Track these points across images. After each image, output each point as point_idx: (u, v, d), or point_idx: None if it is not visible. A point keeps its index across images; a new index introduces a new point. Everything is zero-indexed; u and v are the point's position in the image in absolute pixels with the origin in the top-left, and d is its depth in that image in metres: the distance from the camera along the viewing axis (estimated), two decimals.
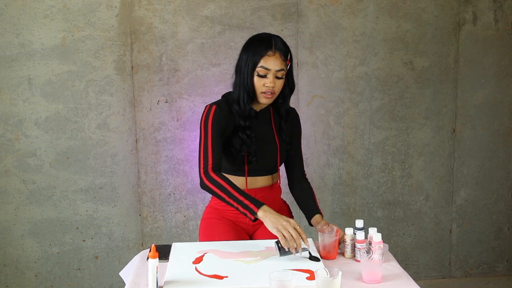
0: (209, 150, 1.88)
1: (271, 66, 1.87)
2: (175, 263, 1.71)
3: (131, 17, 2.72)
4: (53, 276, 2.86)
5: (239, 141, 1.94)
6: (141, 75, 2.77)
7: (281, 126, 2.04)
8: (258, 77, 1.88)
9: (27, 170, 2.76)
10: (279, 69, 1.88)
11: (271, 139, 2.02)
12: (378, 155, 2.98)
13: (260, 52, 1.87)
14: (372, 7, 2.85)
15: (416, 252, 3.10)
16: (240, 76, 1.92)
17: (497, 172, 3.09)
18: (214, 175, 1.84)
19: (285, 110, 2.04)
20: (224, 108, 1.95)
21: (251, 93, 1.91)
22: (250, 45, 1.92)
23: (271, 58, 1.87)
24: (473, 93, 2.99)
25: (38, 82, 2.70)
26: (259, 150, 1.98)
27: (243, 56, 1.92)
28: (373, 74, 2.90)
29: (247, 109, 1.93)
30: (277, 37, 1.92)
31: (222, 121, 1.92)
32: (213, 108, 1.93)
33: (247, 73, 1.89)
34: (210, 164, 1.87)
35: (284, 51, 1.89)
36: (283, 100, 2.01)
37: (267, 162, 2.02)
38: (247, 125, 1.94)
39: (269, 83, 1.88)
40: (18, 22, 2.65)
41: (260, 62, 1.87)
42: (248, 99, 1.92)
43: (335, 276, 1.45)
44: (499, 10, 2.94)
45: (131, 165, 2.82)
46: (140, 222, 2.88)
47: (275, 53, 1.87)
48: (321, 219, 1.98)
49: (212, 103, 1.97)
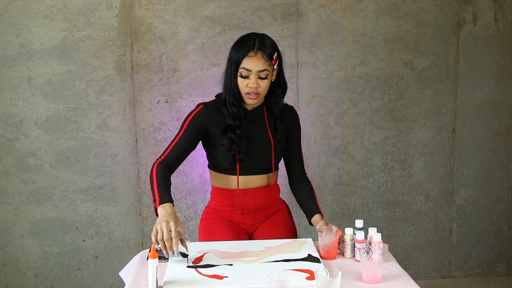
0: (171, 145, 1.96)
1: (252, 66, 1.87)
2: (175, 263, 1.71)
3: (131, 17, 2.72)
4: (53, 276, 2.86)
5: (229, 140, 1.95)
6: (141, 75, 2.77)
7: (276, 126, 2.03)
8: (241, 78, 1.90)
9: (27, 170, 2.76)
10: (261, 69, 1.88)
11: (264, 137, 2.01)
12: (378, 155, 2.98)
13: (242, 52, 1.88)
14: (372, 7, 2.85)
15: (416, 252, 3.10)
16: (226, 77, 1.95)
17: (497, 172, 3.09)
18: (155, 167, 1.90)
19: (278, 110, 2.03)
20: (212, 108, 1.98)
21: (236, 94, 1.93)
22: (235, 46, 1.93)
23: (252, 58, 1.87)
24: (473, 93, 2.99)
25: (38, 82, 2.70)
26: (251, 148, 1.98)
27: (229, 56, 1.94)
28: (373, 74, 2.90)
29: (234, 110, 1.95)
30: (262, 37, 1.92)
31: (203, 121, 1.96)
32: (199, 108, 1.99)
33: (231, 74, 1.92)
34: (162, 157, 1.94)
35: (267, 51, 1.89)
36: (275, 100, 2.01)
37: (260, 161, 2.01)
38: (236, 124, 1.95)
39: (251, 84, 1.88)
40: (18, 22, 2.65)
41: (242, 63, 1.88)
42: (234, 100, 1.94)
43: (335, 276, 1.45)
44: (499, 10, 2.94)
45: (131, 165, 2.82)
46: (140, 222, 2.88)
47: (257, 53, 1.87)
48: (321, 219, 1.98)
49: (202, 102, 2.03)
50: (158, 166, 1.90)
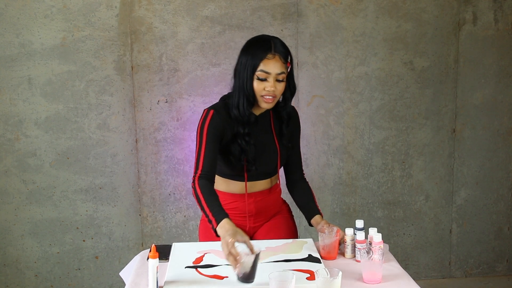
0: (201, 157, 1.86)
1: (271, 69, 1.82)
2: (175, 263, 1.71)
3: (131, 17, 2.72)
4: (53, 276, 2.86)
5: (238, 148, 1.90)
6: (141, 75, 2.77)
7: (282, 131, 2.00)
8: (258, 81, 1.84)
9: (27, 170, 2.76)
10: (279, 72, 1.83)
11: (271, 144, 1.98)
12: (378, 155, 2.98)
13: (259, 55, 1.82)
14: (372, 7, 2.85)
15: (416, 252, 3.10)
16: (239, 80, 1.87)
17: (497, 172, 3.09)
18: (197, 184, 1.82)
19: (286, 114, 1.99)
20: (222, 112, 1.90)
21: (251, 97, 1.86)
22: (248, 48, 1.87)
23: (271, 61, 1.82)
24: (473, 93, 2.99)
25: (38, 82, 2.70)
26: (259, 157, 1.94)
27: (242, 59, 1.87)
28: (373, 74, 2.90)
29: (246, 114, 1.88)
30: (276, 39, 1.88)
31: (219, 127, 1.88)
32: (211, 113, 1.89)
33: (246, 77, 1.84)
34: (199, 172, 1.85)
35: (284, 53, 1.85)
36: (284, 103, 1.96)
37: (266, 168, 1.99)
38: (246, 132, 1.90)
39: (270, 87, 1.83)
40: (18, 22, 2.65)
41: (259, 66, 1.82)
42: (248, 104, 1.87)
43: (335, 276, 1.45)
44: (499, 10, 2.94)
45: (131, 165, 2.82)
46: (140, 222, 2.88)
47: (275, 55, 1.82)
48: (321, 220, 1.97)
49: (210, 107, 1.93)
50: (200, 182, 1.82)
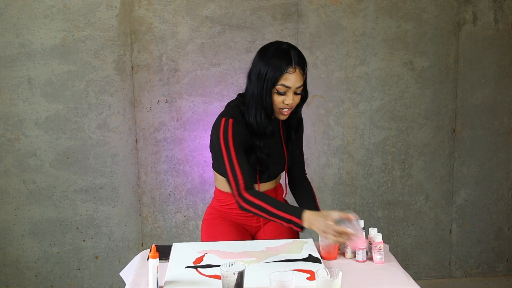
0: (236, 168, 1.78)
1: (292, 83, 1.77)
2: (175, 263, 1.71)
3: (131, 17, 2.72)
4: (53, 276, 2.86)
5: (255, 158, 1.87)
6: (141, 75, 2.77)
7: (290, 136, 1.99)
8: (277, 95, 1.79)
9: (27, 170, 2.76)
10: (299, 85, 1.79)
11: (279, 151, 1.98)
12: (378, 155, 2.98)
13: (280, 68, 1.75)
14: (372, 7, 2.85)
15: (416, 252, 3.10)
16: (257, 90, 1.80)
17: (497, 172, 3.09)
18: (248, 195, 1.75)
19: (296, 120, 1.98)
20: (241, 121, 1.84)
21: (269, 110, 1.82)
22: (269, 59, 1.78)
23: (292, 75, 1.76)
24: (473, 93, 3.00)
25: (38, 82, 2.70)
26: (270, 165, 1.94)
27: (261, 68, 1.79)
28: (373, 74, 2.90)
29: (263, 126, 1.84)
30: (294, 49, 1.82)
31: (242, 135, 1.83)
32: (231, 122, 1.81)
33: (266, 89, 1.78)
34: (241, 184, 1.77)
35: (302, 65, 1.80)
36: (296, 110, 1.94)
37: (274, 171, 1.99)
38: (262, 144, 1.87)
39: (289, 100, 1.79)
40: (18, 22, 2.65)
41: (280, 80, 1.76)
42: (266, 117, 1.83)
43: (336, 276, 1.45)
44: (499, 10, 2.94)
45: (131, 165, 2.82)
46: (140, 222, 2.88)
47: (295, 69, 1.77)
48: None
49: (226, 115, 1.84)
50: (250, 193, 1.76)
